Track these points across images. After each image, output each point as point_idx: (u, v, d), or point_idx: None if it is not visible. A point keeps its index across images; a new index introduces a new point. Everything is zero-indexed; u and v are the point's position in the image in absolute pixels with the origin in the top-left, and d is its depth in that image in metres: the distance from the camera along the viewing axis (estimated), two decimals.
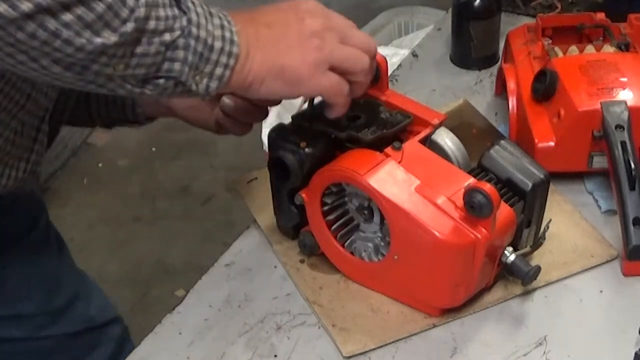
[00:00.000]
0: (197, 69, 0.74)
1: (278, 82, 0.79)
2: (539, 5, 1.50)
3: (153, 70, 0.72)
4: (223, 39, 0.74)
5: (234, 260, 0.99)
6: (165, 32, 0.70)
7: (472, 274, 0.84)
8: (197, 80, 0.74)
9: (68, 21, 0.64)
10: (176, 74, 0.73)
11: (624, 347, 0.84)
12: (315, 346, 0.88)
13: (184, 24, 0.72)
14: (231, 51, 0.75)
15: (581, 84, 1.00)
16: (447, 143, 0.91)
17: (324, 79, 0.80)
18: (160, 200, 2.57)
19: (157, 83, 0.73)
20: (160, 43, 0.70)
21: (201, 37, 0.73)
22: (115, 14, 0.66)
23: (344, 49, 0.81)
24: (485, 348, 0.86)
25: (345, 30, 0.82)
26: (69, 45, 0.65)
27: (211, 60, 0.74)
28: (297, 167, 0.88)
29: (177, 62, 0.72)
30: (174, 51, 0.72)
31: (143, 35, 0.69)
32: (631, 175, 0.92)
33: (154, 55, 0.71)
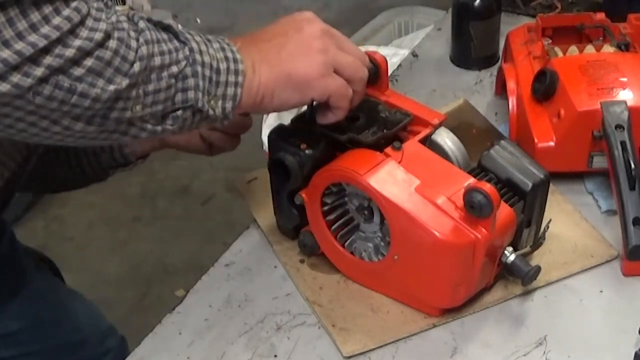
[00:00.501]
0: (210, 93, 0.75)
1: (287, 91, 0.80)
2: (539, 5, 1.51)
3: (169, 104, 0.73)
4: (227, 59, 0.76)
5: (234, 260, 0.99)
6: (171, 65, 0.72)
7: (472, 274, 0.84)
8: (212, 105, 0.76)
9: (80, 75, 0.65)
10: (192, 102, 0.74)
11: (624, 347, 0.84)
12: (315, 346, 0.88)
13: (187, 53, 0.73)
14: (237, 69, 0.76)
15: (581, 84, 1.00)
16: (447, 143, 0.91)
17: (331, 80, 0.81)
18: (160, 200, 2.57)
19: (176, 116, 0.74)
20: (169, 76, 0.72)
21: (206, 62, 0.74)
22: (123, 58, 0.67)
23: (344, 55, 0.82)
24: (485, 348, 0.86)
25: (341, 38, 0.83)
26: (85, 99, 0.66)
27: (221, 82, 0.76)
28: (297, 168, 0.88)
29: (189, 90, 0.74)
30: (184, 81, 0.73)
31: (151, 73, 0.70)
32: (631, 175, 0.92)
33: (166, 90, 0.72)
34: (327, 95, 0.81)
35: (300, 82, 0.79)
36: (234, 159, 2.63)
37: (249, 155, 2.47)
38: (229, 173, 2.63)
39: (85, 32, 0.64)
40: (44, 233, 2.42)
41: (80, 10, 0.64)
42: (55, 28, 0.62)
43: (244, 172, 1.11)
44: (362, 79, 0.84)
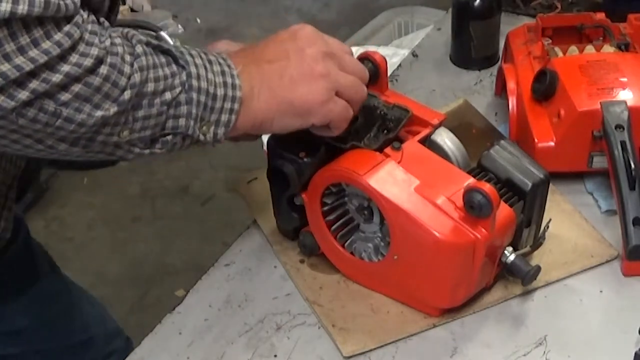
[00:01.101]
0: (203, 119, 0.74)
1: (288, 117, 0.79)
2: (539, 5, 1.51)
3: (159, 130, 0.72)
4: (225, 85, 0.75)
5: (234, 260, 0.99)
6: (165, 92, 0.71)
7: (472, 274, 0.84)
8: (204, 130, 0.75)
9: (66, 100, 0.64)
10: (182, 129, 0.73)
11: (624, 347, 0.84)
12: (315, 346, 0.88)
13: (184, 79, 0.72)
14: (235, 96, 0.75)
15: (581, 84, 1.00)
16: (447, 143, 0.91)
17: (334, 105, 0.80)
18: (160, 200, 2.57)
19: (165, 140, 0.74)
20: (162, 103, 0.71)
21: (202, 88, 0.73)
22: (113, 84, 0.66)
23: (345, 76, 0.81)
24: (485, 348, 0.86)
25: (342, 57, 0.82)
26: (70, 123, 0.65)
27: (215, 108, 0.75)
28: (295, 177, 0.87)
29: (181, 118, 0.73)
30: (177, 108, 0.72)
31: (143, 99, 0.69)
32: (631, 175, 0.92)
33: (156, 117, 0.71)
34: (329, 120, 0.81)
35: (303, 110, 0.79)
36: (234, 159, 2.65)
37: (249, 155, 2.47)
38: (229, 173, 2.63)
39: (75, 58, 0.63)
40: (44, 233, 2.42)
41: (72, 35, 0.62)
42: (44, 52, 0.61)
43: (244, 172, 1.11)
44: (362, 99, 0.84)
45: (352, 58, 0.84)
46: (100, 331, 1.19)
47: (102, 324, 1.22)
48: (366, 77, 0.86)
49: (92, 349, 1.15)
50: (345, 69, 0.82)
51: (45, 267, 1.12)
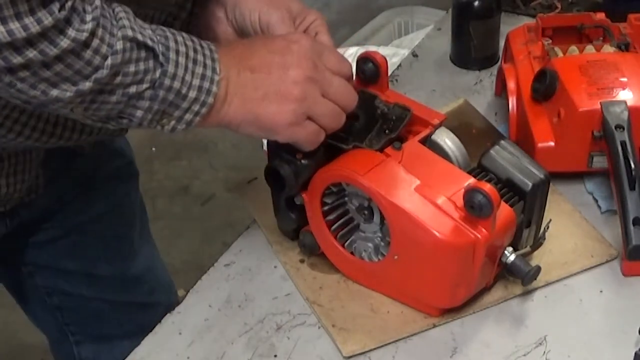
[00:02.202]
0: (165, 113, 0.75)
1: (252, 128, 0.80)
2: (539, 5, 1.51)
3: (114, 113, 0.74)
4: (200, 89, 0.75)
5: (234, 260, 0.99)
6: (131, 85, 0.72)
7: (472, 274, 0.84)
8: (163, 123, 0.76)
9: (23, 77, 0.66)
10: (137, 119, 0.75)
11: (624, 347, 0.84)
12: (315, 346, 0.88)
13: (156, 76, 0.73)
14: (205, 101, 0.76)
15: (581, 84, 1.00)
16: (447, 143, 0.91)
17: (300, 129, 0.81)
18: (160, 200, 2.57)
19: (120, 122, 0.75)
20: (124, 94, 0.72)
21: (174, 87, 0.74)
22: (76, 72, 0.68)
23: (324, 104, 0.81)
24: (485, 348, 0.86)
25: (330, 82, 0.81)
26: (22, 94, 0.67)
27: (181, 107, 0.76)
28: (292, 178, 0.87)
29: (139, 109, 0.74)
30: (138, 101, 0.73)
31: (105, 88, 0.70)
32: (631, 175, 0.92)
33: (115, 103, 0.72)
34: (294, 141, 0.82)
35: (267, 126, 0.80)
36: (234, 159, 2.65)
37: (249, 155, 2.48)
38: (229, 173, 2.63)
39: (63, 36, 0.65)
40: None
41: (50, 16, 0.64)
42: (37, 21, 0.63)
43: (244, 172, 1.11)
44: (337, 126, 0.84)
45: (340, 82, 0.83)
46: (165, 299, 1.21)
47: (168, 293, 1.25)
48: (352, 102, 0.85)
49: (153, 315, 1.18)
50: (328, 94, 0.81)
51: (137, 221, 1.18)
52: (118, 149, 1.12)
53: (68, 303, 1.13)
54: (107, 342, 1.18)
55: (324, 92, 0.81)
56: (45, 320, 1.18)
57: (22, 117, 0.80)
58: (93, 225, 1.09)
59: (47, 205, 1.02)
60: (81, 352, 1.18)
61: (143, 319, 1.01)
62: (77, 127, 0.86)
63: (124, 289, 1.16)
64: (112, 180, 1.10)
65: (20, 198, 0.94)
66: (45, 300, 1.13)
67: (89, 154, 1.02)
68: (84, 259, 1.10)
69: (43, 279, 1.11)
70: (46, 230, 1.06)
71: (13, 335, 2.05)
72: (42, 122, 0.82)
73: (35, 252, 1.07)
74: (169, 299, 1.22)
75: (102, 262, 1.12)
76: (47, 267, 1.09)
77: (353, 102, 0.85)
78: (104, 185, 1.08)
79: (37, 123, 0.82)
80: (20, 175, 0.91)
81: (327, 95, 0.81)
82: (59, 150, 0.95)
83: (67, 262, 1.09)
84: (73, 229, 1.07)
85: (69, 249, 1.09)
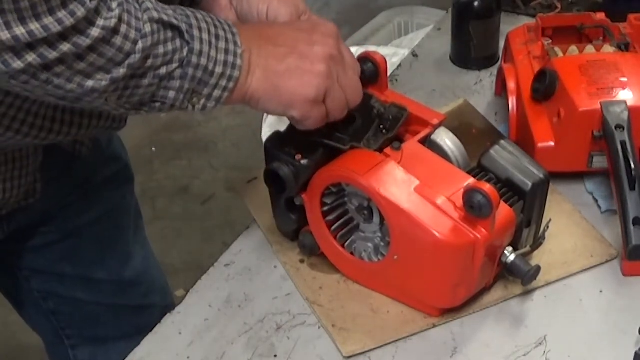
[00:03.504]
0: (195, 92, 0.75)
1: (272, 102, 0.80)
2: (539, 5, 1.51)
3: (147, 98, 0.74)
4: (225, 64, 0.76)
5: (234, 260, 0.99)
6: (161, 67, 0.72)
7: (472, 274, 0.84)
8: (194, 102, 0.76)
9: (59, 72, 0.66)
10: (170, 101, 0.75)
11: (624, 347, 0.84)
12: (315, 346, 0.88)
13: (184, 55, 0.73)
14: (232, 75, 0.76)
15: (581, 84, 1.00)
16: (447, 143, 0.91)
17: (316, 109, 0.81)
18: (160, 200, 2.57)
19: (153, 106, 0.75)
20: (155, 76, 0.72)
21: (201, 64, 0.74)
22: (109, 60, 0.68)
23: (339, 89, 0.81)
24: (485, 348, 0.86)
25: (347, 71, 0.82)
26: (59, 90, 0.68)
27: (210, 84, 0.76)
28: (292, 179, 0.87)
29: (171, 90, 0.74)
30: (170, 81, 0.73)
31: (136, 72, 0.70)
32: (631, 175, 0.92)
33: (147, 86, 0.72)
34: (305, 121, 0.81)
35: (287, 100, 0.79)
36: (234, 159, 2.65)
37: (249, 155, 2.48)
38: (229, 173, 2.63)
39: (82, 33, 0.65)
40: None
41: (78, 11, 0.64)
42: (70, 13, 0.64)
43: (244, 172, 1.11)
44: (339, 117, 0.84)
45: (355, 77, 0.84)
46: (160, 302, 1.21)
47: (163, 295, 1.25)
48: (358, 99, 0.85)
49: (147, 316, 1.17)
50: (342, 81, 0.81)
51: (132, 223, 1.18)
52: (114, 153, 1.12)
53: (63, 307, 1.13)
54: (103, 344, 1.18)
55: (340, 79, 0.81)
56: (41, 324, 1.18)
57: (20, 114, 0.80)
58: (89, 229, 1.09)
59: (44, 210, 1.01)
60: (77, 355, 1.17)
61: (139, 321, 1.02)
62: (74, 121, 0.86)
63: (119, 292, 1.15)
64: (109, 185, 1.10)
65: (18, 203, 0.94)
66: (40, 304, 1.12)
67: (87, 158, 1.01)
68: (79, 263, 1.10)
69: (38, 284, 1.10)
70: (43, 235, 1.05)
71: (12, 336, 2.05)
72: (39, 119, 0.82)
73: (31, 256, 1.07)
74: (164, 300, 1.22)
75: (97, 265, 1.12)
76: (43, 271, 1.09)
77: (359, 99, 0.85)
78: (100, 190, 1.08)
79: (35, 120, 0.82)
80: (17, 180, 0.90)
81: (342, 83, 0.81)
82: (57, 154, 0.96)
83: (63, 266, 1.09)
84: (70, 233, 1.07)
85: (65, 253, 1.08)
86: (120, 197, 1.14)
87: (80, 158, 1.01)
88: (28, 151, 0.90)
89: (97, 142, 1.05)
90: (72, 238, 1.08)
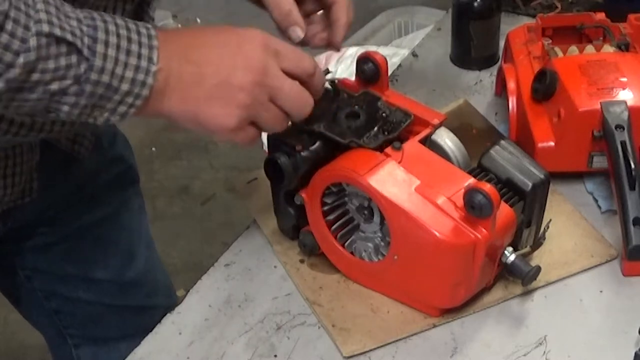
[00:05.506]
0: (96, 107, 0.71)
1: (192, 125, 0.77)
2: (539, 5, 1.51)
3: (39, 109, 0.70)
4: (132, 82, 0.71)
5: (234, 260, 0.99)
6: (52, 82, 0.68)
7: (472, 274, 0.84)
8: (95, 115, 0.72)
9: None
10: (64, 114, 0.71)
11: (624, 347, 0.84)
12: (315, 346, 0.88)
13: (81, 72, 0.68)
14: (139, 93, 0.72)
15: (581, 84, 1.00)
16: (447, 143, 0.91)
17: (240, 134, 0.78)
18: (160, 200, 2.57)
19: (47, 116, 0.72)
20: (45, 91, 0.68)
21: (102, 82, 0.70)
22: None
23: (269, 110, 0.78)
24: (485, 348, 0.86)
25: (279, 87, 0.78)
26: None
27: (113, 99, 0.71)
28: (291, 170, 0.87)
29: (65, 105, 0.70)
30: (63, 97, 0.69)
31: (23, 85, 0.67)
32: (631, 175, 0.92)
33: (36, 100, 0.69)
34: (232, 142, 0.79)
35: (206, 127, 0.76)
36: (234, 159, 2.65)
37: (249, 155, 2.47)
38: (229, 173, 2.63)
39: None
40: None
41: None
42: None
43: (244, 172, 1.11)
44: (278, 131, 0.81)
45: (292, 87, 0.79)
46: (163, 302, 1.20)
47: (167, 297, 1.25)
48: (302, 107, 0.81)
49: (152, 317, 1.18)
50: (276, 99, 0.78)
51: (136, 221, 1.17)
52: (117, 154, 1.11)
53: (66, 307, 1.13)
54: (106, 344, 1.18)
55: (272, 96, 0.77)
56: (43, 323, 1.18)
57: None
58: (91, 231, 1.08)
59: (43, 210, 1.01)
60: (80, 354, 1.18)
61: (142, 322, 1.01)
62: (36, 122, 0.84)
63: (122, 293, 1.15)
64: (112, 187, 1.09)
65: (13, 201, 0.94)
66: (42, 304, 1.12)
67: (87, 159, 1.01)
68: (81, 264, 1.10)
69: (40, 283, 1.10)
70: (44, 235, 1.05)
71: (13, 335, 2.05)
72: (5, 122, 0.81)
73: (32, 256, 1.07)
74: (167, 301, 1.21)
75: (99, 266, 1.12)
76: (44, 271, 1.09)
77: (303, 107, 0.81)
78: (103, 192, 1.08)
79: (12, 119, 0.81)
80: (11, 178, 0.90)
81: (275, 100, 0.78)
82: (55, 153, 0.95)
83: (64, 267, 1.09)
84: (71, 234, 1.07)
85: (66, 253, 1.08)
86: (123, 200, 1.14)
87: (79, 159, 1.00)
88: (22, 149, 0.90)
89: (98, 143, 1.04)
90: (74, 239, 1.08)
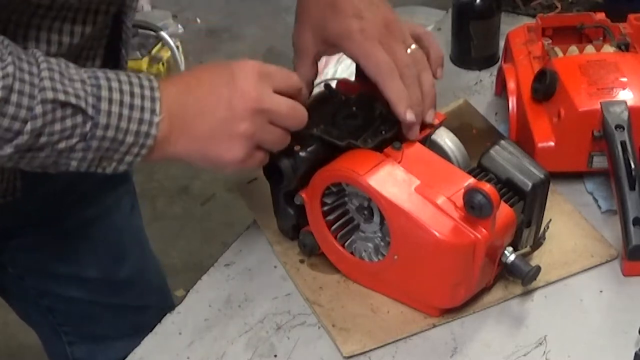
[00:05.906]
0: (103, 158, 0.75)
1: (202, 164, 0.81)
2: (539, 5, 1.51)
3: (48, 164, 0.73)
4: (137, 134, 0.75)
5: (234, 260, 0.99)
6: (59, 142, 0.71)
7: (472, 274, 0.84)
8: (104, 166, 0.76)
9: None
10: (73, 168, 0.74)
11: (624, 347, 0.84)
12: (315, 346, 0.88)
13: (87, 130, 0.72)
14: (144, 144, 0.76)
15: (581, 84, 1.00)
16: (447, 143, 0.91)
17: (250, 160, 0.81)
18: (160, 200, 2.57)
19: (57, 169, 0.75)
20: (53, 150, 0.71)
21: (108, 136, 0.73)
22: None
23: (271, 132, 0.81)
24: (485, 348, 0.86)
25: (276, 108, 0.80)
26: None
27: (120, 151, 0.75)
28: (290, 170, 0.87)
29: (73, 160, 0.74)
30: (71, 153, 0.73)
31: (31, 146, 0.70)
32: (631, 175, 0.92)
33: (45, 157, 0.72)
34: (242, 168, 0.82)
35: (216, 163, 0.80)
36: None
37: None
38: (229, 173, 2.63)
39: None
40: None
41: None
42: None
43: (244, 172, 1.11)
44: (283, 147, 0.84)
45: (288, 105, 0.81)
46: (158, 302, 1.21)
47: (161, 295, 1.25)
48: (300, 121, 0.83)
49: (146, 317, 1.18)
50: (276, 121, 0.81)
51: (126, 217, 1.18)
52: None
53: (59, 305, 1.13)
54: (101, 343, 1.17)
55: (272, 119, 0.80)
56: (38, 321, 1.18)
57: None
58: (82, 230, 1.08)
59: (31, 210, 1.00)
60: (74, 351, 1.17)
61: (137, 321, 1.02)
62: None
63: (114, 292, 1.15)
64: (103, 186, 1.09)
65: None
66: (36, 302, 1.12)
67: None
68: (72, 263, 1.09)
69: (33, 282, 1.10)
70: (33, 235, 1.05)
71: (11, 335, 2.05)
72: None
73: (23, 255, 1.07)
74: (161, 302, 1.21)
75: (91, 265, 1.11)
76: (36, 270, 1.09)
77: (301, 121, 0.83)
78: (94, 191, 1.07)
79: None
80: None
81: (275, 121, 0.81)
82: None
83: (56, 265, 1.09)
84: (62, 233, 1.06)
85: (57, 253, 1.08)
86: (115, 199, 1.14)
87: None
88: None
89: None
90: (64, 238, 1.07)
